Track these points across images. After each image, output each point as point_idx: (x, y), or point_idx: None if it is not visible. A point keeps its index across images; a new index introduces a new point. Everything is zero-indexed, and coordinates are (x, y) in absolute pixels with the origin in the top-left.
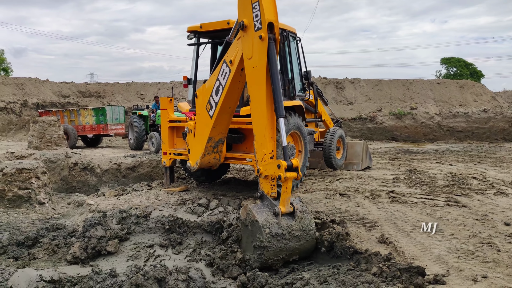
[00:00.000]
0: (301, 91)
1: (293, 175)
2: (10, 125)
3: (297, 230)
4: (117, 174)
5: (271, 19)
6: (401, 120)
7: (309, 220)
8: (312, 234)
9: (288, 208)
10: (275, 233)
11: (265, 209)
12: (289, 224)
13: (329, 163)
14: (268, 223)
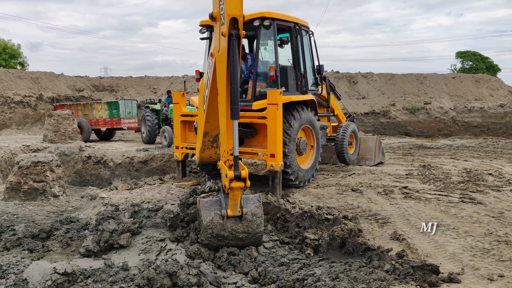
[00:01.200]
0: (314, 85)
1: (239, 185)
2: (26, 119)
3: (242, 232)
4: (130, 167)
5: (233, 14)
6: (415, 115)
7: (258, 225)
8: (259, 236)
9: (235, 212)
10: (216, 234)
11: (215, 206)
12: (234, 227)
13: (342, 158)
14: (212, 224)
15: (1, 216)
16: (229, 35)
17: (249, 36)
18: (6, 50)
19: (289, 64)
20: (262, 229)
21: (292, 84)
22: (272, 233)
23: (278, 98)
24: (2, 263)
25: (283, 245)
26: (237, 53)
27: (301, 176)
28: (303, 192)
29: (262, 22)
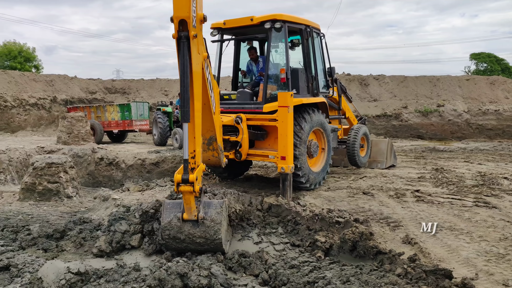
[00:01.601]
0: (325, 87)
1: (186, 189)
2: (40, 121)
3: (199, 237)
4: (141, 169)
5: (181, 16)
6: (427, 117)
7: (215, 231)
8: (217, 243)
9: (191, 216)
10: (173, 236)
11: (177, 209)
12: (192, 231)
13: (353, 161)
14: (170, 225)
15: (17, 216)
16: (178, 37)
17: (260, 39)
18: (21, 54)
19: (300, 66)
20: (220, 236)
21: (303, 86)
22: (283, 236)
23: (289, 101)
24: (17, 262)
25: (293, 247)
26: (186, 55)
27: (312, 178)
28: (314, 195)
29: (273, 24)
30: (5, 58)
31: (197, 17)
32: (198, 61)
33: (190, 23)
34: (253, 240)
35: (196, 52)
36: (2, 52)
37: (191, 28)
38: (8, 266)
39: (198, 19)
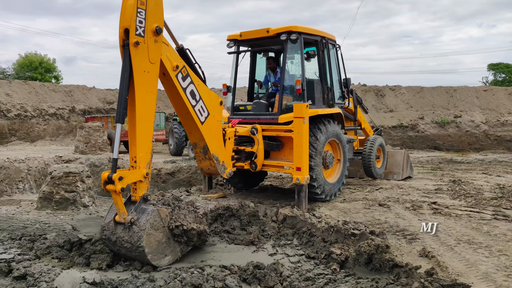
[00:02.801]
0: (340, 98)
1: (111, 188)
2: (59, 130)
3: (126, 242)
4: (157, 179)
5: (124, 25)
6: (444, 128)
7: (139, 237)
8: (141, 251)
9: (121, 218)
10: (108, 237)
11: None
12: (121, 235)
13: (369, 172)
14: (107, 226)
15: (34, 224)
16: (122, 44)
17: (276, 50)
18: (42, 65)
19: (315, 77)
20: (143, 244)
21: (319, 97)
22: (298, 247)
23: (304, 112)
24: (34, 271)
25: (308, 259)
26: (126, 62)
27: (327, 190)
28: (329, 206)
29: (289, 36)
30: (26, 69)
31: (147, 27)
32: (144, 68)
33: (133, 32)
34: (268, 252)
35: (142, 59)
36: (24, 63)
37: (132, 36)
38: (25, 275)
39: (148, 30)
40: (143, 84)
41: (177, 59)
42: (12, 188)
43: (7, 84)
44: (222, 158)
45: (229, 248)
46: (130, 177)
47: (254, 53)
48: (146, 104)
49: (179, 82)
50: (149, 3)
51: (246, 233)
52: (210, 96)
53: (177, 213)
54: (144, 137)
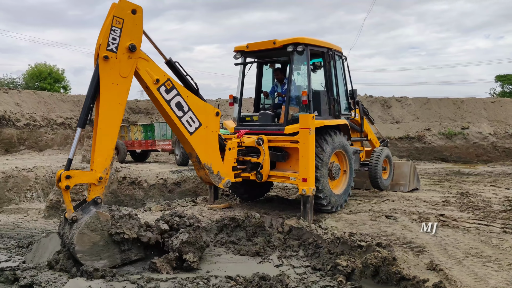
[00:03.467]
0: (347, 109)
1: (59, 185)
2: (67, 140)
3: (66, 237)
4: (163, 189)
5: (99, 41)
6: (452, 140)
7: (73, 235)
8: (72, 248)
9: (68, 215)
10: (58, 232)
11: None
12: (66, 230)
13: (375, 184)
14: (61, 222)
15: (41, 233)
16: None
17: (283, 62)
18: (51, 75)
19: (322, 88)
20: (74, 242)
21: (325, 108)
22: (304, 259)
23: (310, 123)
24: (41, 280)
25: (314, 271)
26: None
27: (333, 201)
28: (336, 218)
29: (295, 47)
30: (36, 79)
31: (120, 44)
32: (113, 80)
33: (103, 47)
34: (274, 263)
35: (112, 72)
36: (33, 74)
37: (102, 51)
38: (31, 284)
39: (122, 46)
40: (109, 95)
41: (159, 73)
42: (20, 197)
43: (17, 94)
44: (217, 168)
45: (234, 259)
46: (81, 178)
47: (260, 64)
48: (111, 114)
49: (161, 95)
50: (125, 23)
51: (252, 244)
52: (204, 107)
53: (124, 221)
54: (104, 144)
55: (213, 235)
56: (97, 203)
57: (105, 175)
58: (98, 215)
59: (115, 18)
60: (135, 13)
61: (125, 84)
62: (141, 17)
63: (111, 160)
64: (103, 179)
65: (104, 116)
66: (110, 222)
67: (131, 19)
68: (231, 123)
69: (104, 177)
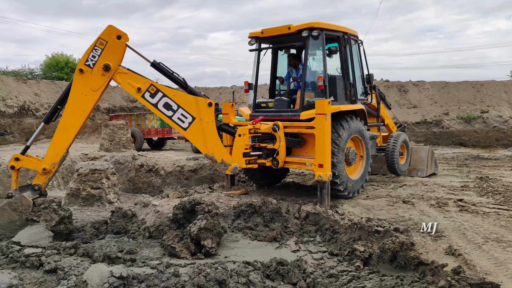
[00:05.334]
0: (363, 94)
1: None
2: (84, 128)
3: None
4: (180, 176)
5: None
6: (470, 124)
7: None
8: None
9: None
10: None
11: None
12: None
13: (392, 169)
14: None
15: None
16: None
17: (298, 47)
18: (68, 65)
19: (338, 73)
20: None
21: (341, 93)
22: (321, 244)
23: (326, 108)
24: (64, 265)
25: (332, 256)
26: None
27: (350, 186)
28: (352, 203)
29: (310, 32)
30: (53, 69)
31: (98, 62)
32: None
33: (82, 61)
34: (291, 248)
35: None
36: (51, 64)
37: (80, 64)
38: (55, 269)
39: (99, 64)
40: (76, 103)
41: (140, 81)
42: None
43: (36, 84)
44: (220, 156)
45: (252, 245)
46: (27, 164)
47: (275, 50)
48: (72, 118)
49: (147, 101)
50: (108, 45)
51: (269, 229)
52: (195, 101)
53: (46, 213)
54: (59, 141)
55: (231, 221)
56: (35, 189)
57: (51, 168)
58: (22, 199)
59: (100, 39)
60: (119, 38)
61: (93, 96)
62: (124, 43)
63: (61, 157)
64: (47, 170)
65: (66, 119)
66: (30, 208)
67: (114, 43)
68: (246, 109)
69: (50, 169)
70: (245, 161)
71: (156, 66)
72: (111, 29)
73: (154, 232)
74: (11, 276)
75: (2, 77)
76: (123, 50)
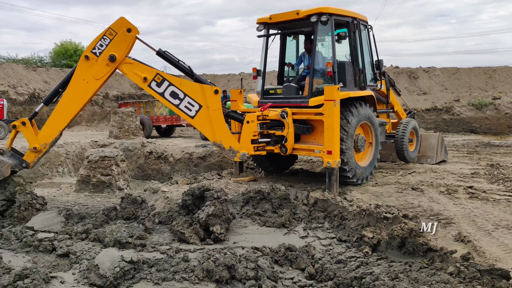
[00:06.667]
0: (372, 81)
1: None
2: (94, 116)
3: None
4: (189, 163)
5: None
6: (482, 111)
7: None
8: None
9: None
10: None
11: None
12: None
13: (401, 156)
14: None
15: (73, 206)
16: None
17: (306, 32)
18: (77, 53)
19: (347, 59)
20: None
21: (350, 79)
22: (329, 230)
23: (335, 94)
24: (76, 249)
25: (340, 242)
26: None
27: (359, 173)
28: (361, 190)
29: (319, 17)
30: (62, 57)
31: (104, 52)
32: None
33: (89, 48)
34: (299, 234)
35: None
36: (59, 52)
37: (86, 51)
38: (67, 253)
39: (105, 54)
40: (76, 88)
41: (146, 71)
42: (53, 172)
43: (45, 72)
44: (228, 143)
45: (260, 230)
46: (25, 132)
47: (284, 36)
48: (70, 103)
49: (153, 90)
50: (117, 37)
51: (278, 215)
52: (201, 88)
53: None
54: (53, 123)
55: (239, 207)
56: (22, 165)
57: (42, 148)
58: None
59: (110, 29)
60: (129, 31)
61: (94, 84)
62: (133, 36)
63: (53, 139)
64: (38, 149)
65: (64, 102)
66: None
67: (123, 35)
68: (255, 96)
69: (40, 149)
70: (253, 148)
71: (162, 55)
72: (123, 21)
73: (164, 217)
74: (25, 260)
75: (12, 65)
76: (132, 43)
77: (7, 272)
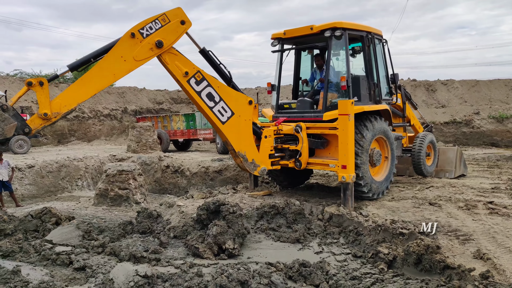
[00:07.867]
0: (388, 94)
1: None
2: (112, 130)
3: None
4: (205, 177)
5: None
6: (503, 123)
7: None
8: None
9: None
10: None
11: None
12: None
13: (419, 170)
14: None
15: (92, 220)
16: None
17: (321, 47)
18: None
19: (361, 73)
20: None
21: (365, 94)
22: (344, 246)
23: (349, 109)
24: (92, 263)
25: (355, 258)
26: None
27: (374, 188)
28: (377, 205)
29: (333, 32)
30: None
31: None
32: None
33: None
34: (314, 250)
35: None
36: None
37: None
38: (84, 267)
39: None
40: (112, 63)
41: (188, 66)
42: (72, 185)
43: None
44: (251, 156)
45: (275, 246)
46: (40, 93)
47: (298, 50)
48: (98, 76)
49: (191, 87)
50: (169, 24)
51: (292, 231)
52: (236, 96)
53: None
54: (73, 93)
55: (254, 222)
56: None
57: (52, 116)
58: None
59: (164, 15)
60: (183, 23)
61: (131, 64)
62: (185, 29)
63: (68, 110)
64: (48, 117)
65: (93, 74)
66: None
67: (176, 25)
68: (269, 111)
69: (50, 117)
70: (270, 163)
71: (205, 54)
72: (179, 12)
73: (179, 232)
74: (43, 273)
75: None
76: (181, 35)
77: (25, 286)
